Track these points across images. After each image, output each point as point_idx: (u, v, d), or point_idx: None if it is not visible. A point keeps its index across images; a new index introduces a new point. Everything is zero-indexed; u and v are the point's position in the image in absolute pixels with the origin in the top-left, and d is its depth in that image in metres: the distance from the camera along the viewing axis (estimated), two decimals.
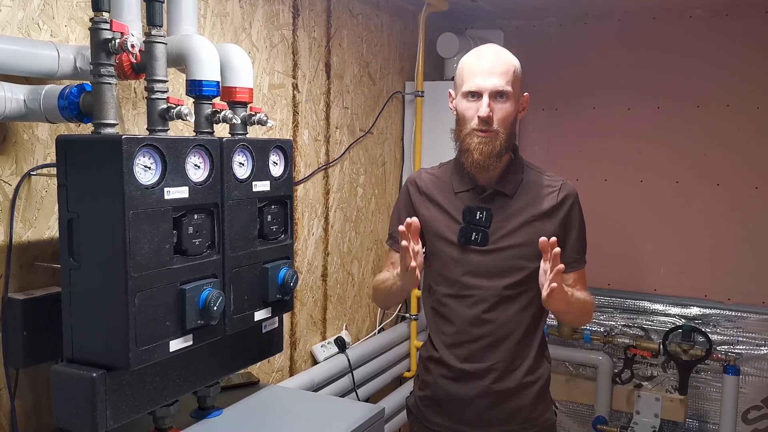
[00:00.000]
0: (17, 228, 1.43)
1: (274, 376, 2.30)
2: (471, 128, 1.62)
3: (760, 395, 3.01)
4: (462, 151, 1.66)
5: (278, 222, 1.56)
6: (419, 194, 1.77)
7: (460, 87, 1.65)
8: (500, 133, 1.61)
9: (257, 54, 2.12)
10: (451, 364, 1.70)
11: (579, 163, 3.29)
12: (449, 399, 1.72)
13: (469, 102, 1.62)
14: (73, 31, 1.52)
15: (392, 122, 3.04)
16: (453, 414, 1.73)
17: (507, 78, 1.60)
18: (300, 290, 2.40)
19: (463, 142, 1.65)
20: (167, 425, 1.40)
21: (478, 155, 1.61)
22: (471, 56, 1.67)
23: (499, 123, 1.61)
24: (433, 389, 1.76)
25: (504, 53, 1.65)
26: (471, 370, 1.69)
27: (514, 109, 1.63)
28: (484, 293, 1.66)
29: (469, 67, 1.64)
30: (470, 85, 1.61)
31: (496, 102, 1.60)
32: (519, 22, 3.41)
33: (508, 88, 1.60)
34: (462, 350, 1.69)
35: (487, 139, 1.60)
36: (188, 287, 1.28)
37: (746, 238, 3.02)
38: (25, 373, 1.44)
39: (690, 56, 3.06)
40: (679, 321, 3.11)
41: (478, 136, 1.61)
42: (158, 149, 1.22)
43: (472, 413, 1.70)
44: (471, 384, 1.69)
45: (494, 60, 1.62)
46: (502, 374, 1.68)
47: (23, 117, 1.35)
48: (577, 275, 1.71)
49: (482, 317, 1.67)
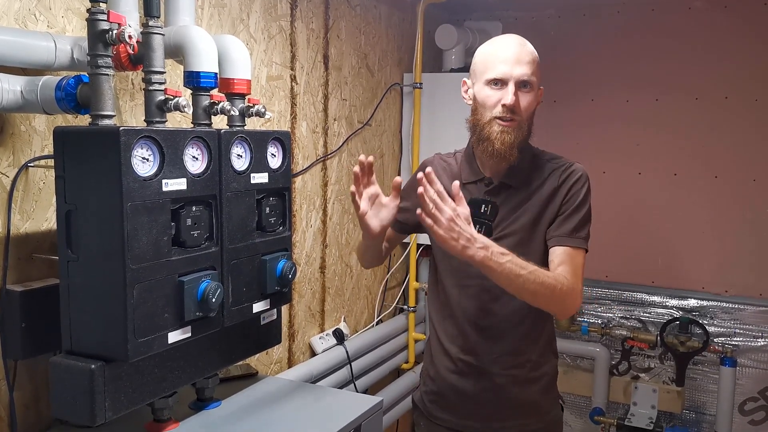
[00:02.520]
0: (15, 220, 1.42)
1: (273, 367, 2.30)
2: (492, 116, 1.58)
3: (757, 387, 3.02)
4: (481, 140, 1.61)
5: (276, 214, 1.55)
6: None
7: (482, 74, 1.60)
8: (522, 123, 1.59)
9: (255, 45, 2.11)
10: (455, 356, 1.70)
11: (577, 155, 3.17)
12: (454, 393, 1.71)
13: (492, 90, 1.58)
14: (70, 22, 1.52)
15: (390, 114, 3.03)
16: (458, 409, 1.72)
17: (532, 68, 1.58)
18: (298, 282, 2.40)
19: (482, 130, 1.60)
20: (166, 417, 1.41)
21: (500, 144, 1.57)
22: (495, 44, 1.63)
23: (523, 112, 1.58)
24: (438, 384, 1.74)
25: (528, 43, 1.63)
26: (475, 362, 1.67)
27: (535, 100, 1.61)
28: (487, 284, 1.62)
29: (494, 54, 1.60)
30: (495, 72, 1.57)
31: (521, 91, 1.57)
32: (518, 14, 3.40)
33: (534, 78, 1.59)
34: (466, 342, 1.68)
35: (509, 129, 1.57)
36: (187, 279, 1.28)
37: (744, 231, 3.02)
38: (23, 364, 1.44)
39: (689, 48, 3.05)
40: (677, 313, 3.12)
41: (499, 124, 1.57)
42: (156, 141, 1.21)
43: (477, 407, 1.69)
44: (476, 377, 1.68)
45: (520, 49, 1.59)
46: (506, 367, 1.67)
47: (20, 108, 1.35)
48: (564, 254, 1.56)
49: (484, 308, 1.65)
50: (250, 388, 1.68)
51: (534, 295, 1.49)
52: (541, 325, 1.69)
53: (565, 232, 1.59)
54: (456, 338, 1.70)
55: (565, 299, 1.51)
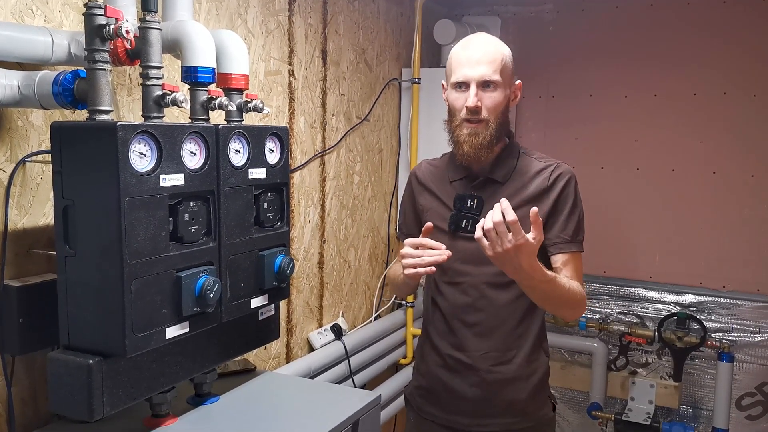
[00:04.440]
0: (12, 215, 1.42)
1: (271, 363, 2.31)
2: (461, 119, 1.61)
3: (754, 382, 3.03)
4: (454, 143, 1.66)
5: (274, 209, 1.55)
6: (419, 184, 1.79)
7: (449, 77, 1.65)
8: (490, 123, 1.60)
9: (253, 40, 2.11)
10: (445, 352, 1.71)
11: (575, 151, 3.29)
12: (443, 389, 1.73)
13: (458, 93, 1.62)
14: (67, 17, 1.51)
15: (389, 109, 3.03)
16: (447, 404, 1.73)
17: (494, 66, 1.59)
18: (296, 277, 2.40)
19: (453, 133, 1.65)
20: (164, 412, 1.41)
21: (468, 147, 1.61)
22: (459, 47, 1.65)
23: (489, 112, 1.60)
24: (428, 379, 1.76)
25: (492, 42, 1.63)
26: (463, 358, 1.69)
27: (503, 98, 1.62)
28: (473, 280, 1.65)
29: (456, 58, 1.63)
30: (458, 76, 1.61)
31: (485, 91, 1.59)
32: (516, 9, 3.40)
33: (496, 77, 1.59)
34: (454, 338, 1.70)
35: (476, 130, 1.60)
36: (184, 274, 1.28)
37: (742, 226, 3.02)
38: (21, 360, 1.44)
39: (687, 44, 3.05)
40: (674, 308, 3.13)
41: (467, 126, 1.61)
42: (154, 136, 1.21)
43: (465, 404, 1.70)
44: (464, 374, 1.69)
45: (481, 49, 1.60)
46: (495, 364, 1.67)
47: (17, 103, 1.34)
48: (566, 259, 1.62)
49: (473, 304, 1.67)
50: (248, 384, 1.68)
51: (561, 306, 1.59)
52: (529, 323, 1.69)
53: (567, 238, 1.63)
54: (445, 334, 1.72)
55: (581, 305, 1.61)
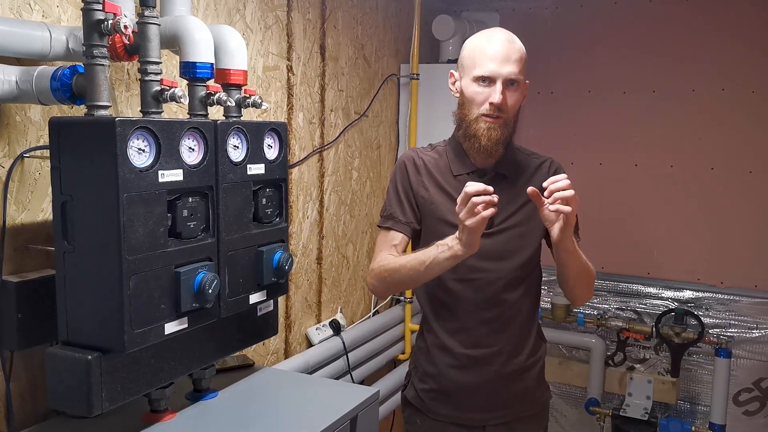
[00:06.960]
0: (11, 210, 1.42)
1: (269, 358, 2.31)
2: (479, 113, 1.60)
3: (752, 377, 3.04)
4: (467, 136, 1.63)
5: (273, 205, 1.55)
6: (417, 174, 1.72)
7: (470, 70, 1.60)
8: (509, 120, 1.61)
9: (251, 35, 2.10)
10: (457, 351, 1.70)
11: (574, 147, 3.29)
12: (457, 388, 1.71)
13: (480, 86, 1.59)
14: (65, 12, 1.51)
15: (387, 105, 3.02)
16: (461, 403, 1.72)
17: (520, 66, 1.59)
18: (295, 273, 2.40)
19: (469, 126, 1.62)
20: (163, 407, 1.41)
21: (486, 141, 1.59)
22: (483, 39, 1.62)
23: (509, 110, 1.60)
24: (439, 381, 1.74)
25: (517, 40, 1.62)
26: (478, 355, 1.68)
27: (522, 97, 1.63)
28: (491, 276, 1.65)
29: (482, 51, 1.59)
30: (484, 70, 1.57)
31: (508, 89, 1.58)
32: (515, 4, 3.39)
33: (521, 77, 1.59)
34: (468, 336, 1.69)
35: (496, 125, 1.59)
36: (183, 270, 1.28)
37: (739, 222, 3.03)
38: (19, 355, 1.44)
39: (686, 40, 3.05)
40: (672, 304, 3.13)
41: (486, 121, 1.59)
42: (152, 132, 1.21)
43: (480, 399, 1.71)
44: (479, 370, 1.69)
45: (509, 46, 1.59)
46: (509, 357, 1.69)
47: (15, 99, 1.34)
48: None
49: (491, 300, 1.66)
50: (247, 379, 1.68)
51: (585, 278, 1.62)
52: (533, 314, 1.74)
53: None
54: (457, 333, 1.70)
55: (593, 283, 1.68)
